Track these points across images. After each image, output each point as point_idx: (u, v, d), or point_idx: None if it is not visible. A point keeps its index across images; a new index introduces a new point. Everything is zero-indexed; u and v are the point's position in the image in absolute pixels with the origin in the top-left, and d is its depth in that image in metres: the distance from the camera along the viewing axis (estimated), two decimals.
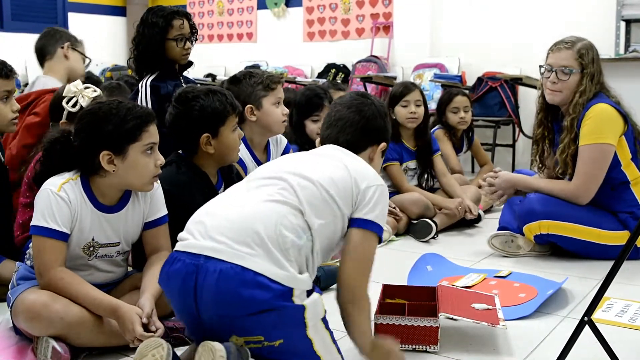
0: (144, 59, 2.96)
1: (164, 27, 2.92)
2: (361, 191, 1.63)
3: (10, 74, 2.25)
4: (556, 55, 2.78)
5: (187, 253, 1.52)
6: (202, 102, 2.21)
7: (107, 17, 7.69)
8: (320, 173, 1.62)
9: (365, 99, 1.84)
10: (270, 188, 1.59)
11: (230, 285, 1.44)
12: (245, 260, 1.46)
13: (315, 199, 1.57)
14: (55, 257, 1.79)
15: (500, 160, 5.25)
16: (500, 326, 1.87)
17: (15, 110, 2.29)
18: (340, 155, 1.73)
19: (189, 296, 1.49)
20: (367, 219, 1.62)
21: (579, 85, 2.73)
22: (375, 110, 1.82)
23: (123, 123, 1.81)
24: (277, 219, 1.51)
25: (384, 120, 1.85)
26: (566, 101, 2.78)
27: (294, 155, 1.86)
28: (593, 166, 2.70)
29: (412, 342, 1.84)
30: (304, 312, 1.47)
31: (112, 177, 1.85)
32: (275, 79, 2.78)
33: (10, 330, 1.93)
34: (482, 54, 5.53)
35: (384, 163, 3.52)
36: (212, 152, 2.22)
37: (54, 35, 3.28)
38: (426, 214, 3.32)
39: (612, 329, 1.96)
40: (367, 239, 1.62)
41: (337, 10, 6.53)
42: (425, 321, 1.83)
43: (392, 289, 2.11)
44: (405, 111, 3.48)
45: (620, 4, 4.85)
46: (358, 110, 1.80)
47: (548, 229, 2.72)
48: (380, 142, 1.83)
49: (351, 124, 1.79)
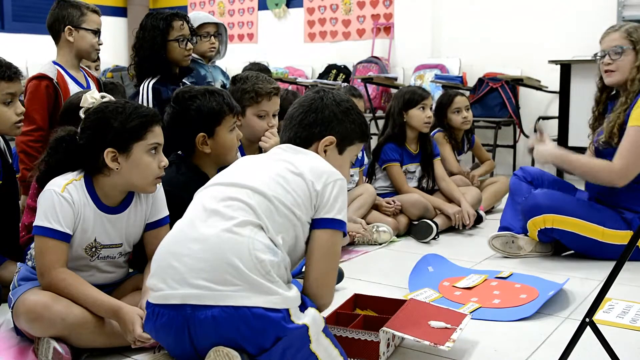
0: (146, 63, 2.98)
1: (165, 28, 2.95)
2: (319, 193, 1.61)
3: (14, 76, 2.23)
4: (606, 39, 2.80)
5: (169, 305, 1.48)
6: (199, 101, 2.22)
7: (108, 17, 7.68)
8: (274, 185, 1.59)
9: (315, 95, 1.79)
10: (228, 210, 1.54)
11: (229, 327, 1.44)
12: (234, 298, 1.43)
13: (273, 214, 1.56)
14: (57, 258, 1.79)
15: (501, 160, 5.25)
16: (442, 347, 1.72)
17: (20, 113, 2.27)
18: (291, 157, 1.69)
19: (186, 345, 1.49)
20: (328, 218, 1.61)
21: (635, 61, 2.73)
22: (321, 103, 1.75)
23: (128, 121, 1.83)
24: (248, 245, 1.48)
25: (333, 111, 1.75)
26: (624, 79, 2.76)
27: (244, 165, 1.76)
28: (637, 148, 2.67)
29: (352, 355, 1.71)
30: (308, 330, 1.47)
31: (116, 176, 1.85)
32: (263, 91, 2.69)
33: (12, 331, 1.93)
34: (483, 55, 5.53)
35: (385, 163, 3.54)
36: (208, 152, 2.23)
37: (57, 18, 3.07)
38: (426, 216, 3.33)
39: (613, 330, 1.96)
40: (332, 237, 1.62)
41: (338, 11, 6.53)
42: (366, 335, 1.73)
43: (364, 299, 2.04)
44: (423, 115, 3.51)
45: (620, 4, 4.85)
46: (301, 105, 1.78)
47: (552, 223, 2.71)
48: (323, 136, 1.74)
49: (292, 120, 1.77)
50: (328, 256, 1.63)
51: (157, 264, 1.57)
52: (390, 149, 3.54)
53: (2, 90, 2.20)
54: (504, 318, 2.11)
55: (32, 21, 6.96)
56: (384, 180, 3.60)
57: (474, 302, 2.23)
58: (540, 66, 5.03)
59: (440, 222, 3.31)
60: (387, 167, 3.54)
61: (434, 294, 2.30)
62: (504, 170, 5.21)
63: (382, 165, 3.57)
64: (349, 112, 1.77)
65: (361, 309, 2.02)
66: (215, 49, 3.65)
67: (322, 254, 1.62)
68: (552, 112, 5.16)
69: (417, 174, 3.63)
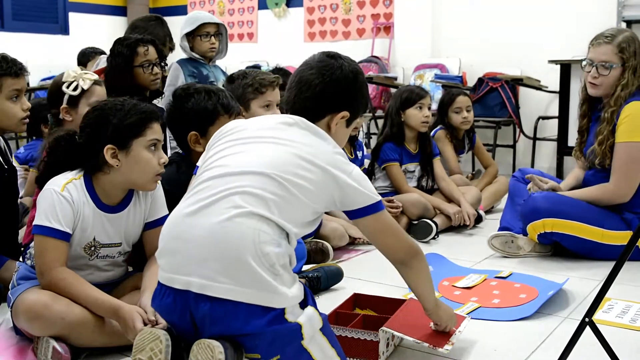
0: (114, 88, 3.02)
1: (129, 55, 3.02)
2: (341, 188, 1.54)
3: (20, 72, 2.23)
4: (596, 49, 2.76)
5: (174, 289, 1.48)
6: (194, 100, 2.22)
7: (108, 17, 7.68)
8: (283, 168, 1.51)
9: (332, 60, 1.65)
10: (233, 197, 1.47)
11: (224, 321, 1.44)
12: (235, 293, 1.42)
13: (281, 198, 1.49)
14: (57, 257, 1.79)
15: (501, 160, 5.24)
16: (441, 349, 1.73)
17: (26, 109, 2.27)
18: (307, 139, 1.57)
19: (188, 326, 1.49)
20: (365, 207, 1.57)
21: (621, 79, 2.72)
22: (341, 74, 1.63)
23: (127, 117, 1.83)
24: (253, 237, 1.43)
25: (351, 86, 1.65)
26: (607, 94, 2.77)
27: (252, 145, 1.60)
28: (632, 164, 2.69)
29: (352, 354, 1.72)
30: (301, 329, 1.46)
31: (116, 173, 1.85)
32: (266, 82, 2.76)
33: (11, 331, 1.93)
34: (483, 55, 5.52)
35: (385, 163, 3.54)
36: (200, 152, 2.23)
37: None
38: (425, 215, 3.33)
39: (613, 330, 1.96)
40: (377, 219, 1.60)
41: (338, 10, 6.53)
42: (366, 334, 1.72)
43: (364, 298, 2.04)
44: (421, 114, 3.51)
45: (621, 4, 4.84)
46: (320, 72, 1.63)
47: (552, 227, 2.71)
48: (340, 110, 1.64)
49: (308, 87, 1.63)
50: (386, 234, 1.63)
51: (165, 243, 1.53)
52: (389, 149, 3.54)
53: (8, 87, 2.20)
54: (503, 318, 2.11)
55: (32, 20, 6.96)
56: (383, 180, 3.60)
57: (474, 302, 2.23)
58: (540, 66, 5.03)
59: (439, 222, 3.31)
60: (386, 167, 3.54)
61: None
62: (503, 170, 5.19)
63: (382, 165, 3.57)
64: (363, 86, 1.71)
65: (361, 309, 2.02)
66: (215, 49, 3.66)
67: (378, 236, 1.64)
68: (552, 112, 5.16)
69: (416, 174, 3.63)
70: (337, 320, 1.83)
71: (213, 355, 1.40)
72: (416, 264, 1.68)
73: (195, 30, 3.60)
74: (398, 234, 1.66)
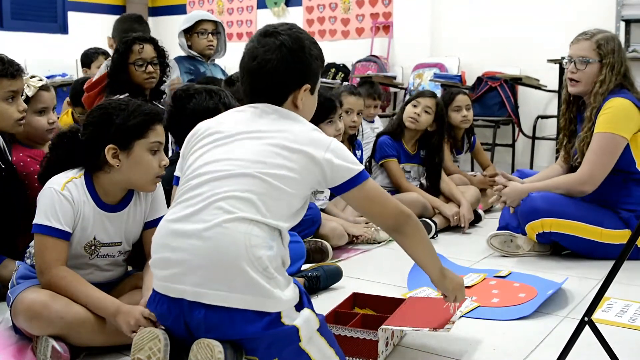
0: (112, 84, 3.11)
1: (124, 52, 3.09)
2: (323, 166, 1.53)
3: (16, 73, 2.22)
4: (575, 46, 2.81)
5: (169, 297, 1.48)
6: (196, 100, 2.21)
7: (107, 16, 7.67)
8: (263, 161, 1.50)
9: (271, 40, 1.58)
10: (220, 203, 1.46)
11: (220, 328, 1.44)
12: (229, 300, 1.42)
13: (266, 195, 1.48)
14: (57, 256, 1.79)
15: (500, 160, 5.25)
16: (442, 330, 1.74)
17: (22, 111, 2.26)
18: (279, 125, 1.55)
19: (183, 332, 1.50)
20: (347, 180, 1.55)
21: (598, 75, 2.74)
22: (286, 50, 1.57)
23: (131, 118, 1.83)
24: (245, 242, 1.42)
25: (300, 56, 1.59)
26: (586, 91, 2.79)
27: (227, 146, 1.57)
28: (601, 154, 2.70)
29: (351, 354, 1.71)
30: (298, 332, 1.45)
31: (116, 173, 1.85)
32: None
33: (10, 330, 1.92)
34: (482, 54, 5.52)
35: (382, 159, 3.53)
36: None
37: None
38: (424, 214, 3.33)
39: (612, 329, 1.96)
40: (360, 190, 1.56)
41: (337, 9, 6.53)
42: (365, 334, 1.72)
43: (363, 298, 2.04)
44: (412, 110, 3.50)
45: (620, 4, 4.84)
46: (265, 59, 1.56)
47: (550, 227, 2.72)
48: (301, 85, 1.60)
49: (260, 76, 1.58)
50: (372, 202, 1.60)
51: (155, 254, 1.53)
52: (386, 145, 3.54)
53: (4, 88, 2.20)
54: (502, 317, 2.11)
55: (30, 19, 6.95)
56: (382, 178, 3.60)
57: (473, 301, 2.23)
58: (539, 65, 5.03)
59: (438, 221, 3.31)
60: (384, 163, 3.54)
61: (432, 293, 2.30)
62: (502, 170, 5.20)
63: (379, 161, 3.57)
64: (312, 48, 1.63)
65: (360, 308, 2.02)
66: (213, 46, 3.67)
67: (367, 206, 1.61)
68: (551, 111, 5.17)
69: (412, 174, 3.63)
70: (336, 320, 1.83)
71: (212, 355, 1.40)
72: (409, 229, 1.64)
73: (192, 27, 3.61)
74: (384, 201, 1.62)
